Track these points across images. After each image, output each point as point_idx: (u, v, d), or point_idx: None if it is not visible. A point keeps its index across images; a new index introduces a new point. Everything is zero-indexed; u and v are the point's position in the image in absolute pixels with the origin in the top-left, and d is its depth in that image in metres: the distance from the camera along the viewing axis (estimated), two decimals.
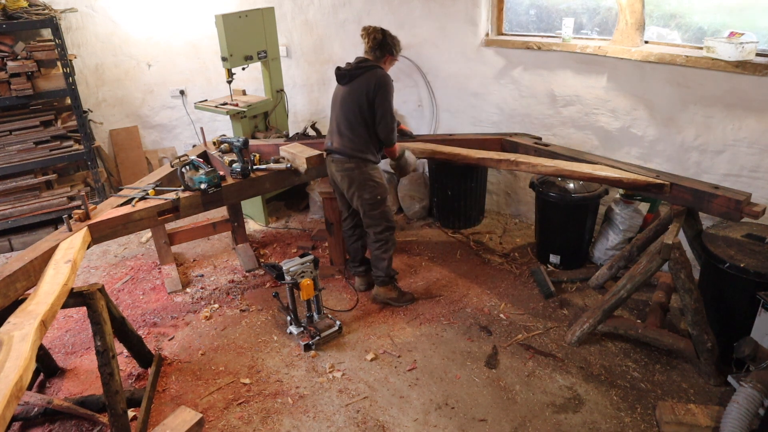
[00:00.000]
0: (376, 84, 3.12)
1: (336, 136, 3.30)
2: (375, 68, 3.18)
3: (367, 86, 3.13)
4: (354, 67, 3.20)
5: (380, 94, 3.14)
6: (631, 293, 2.97)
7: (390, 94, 3.18)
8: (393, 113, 3.23)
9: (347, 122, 3.23)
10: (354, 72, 3.19)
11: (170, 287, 3.87)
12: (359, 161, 3.26)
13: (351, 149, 3.24)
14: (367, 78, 3.15)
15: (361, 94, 3.15)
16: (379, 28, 3.20)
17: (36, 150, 4.41)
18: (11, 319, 1.99)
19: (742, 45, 3.04)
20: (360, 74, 3.17)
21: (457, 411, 2.73)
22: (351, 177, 3.29)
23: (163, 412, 2.76)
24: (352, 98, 3.19)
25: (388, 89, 3.17)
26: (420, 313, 3.51)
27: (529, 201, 4.53)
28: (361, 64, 3.19)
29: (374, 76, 3.14)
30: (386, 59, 3.25)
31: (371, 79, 3.13)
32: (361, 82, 3.16)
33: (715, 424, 2.40)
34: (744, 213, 2.77)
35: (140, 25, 4.94)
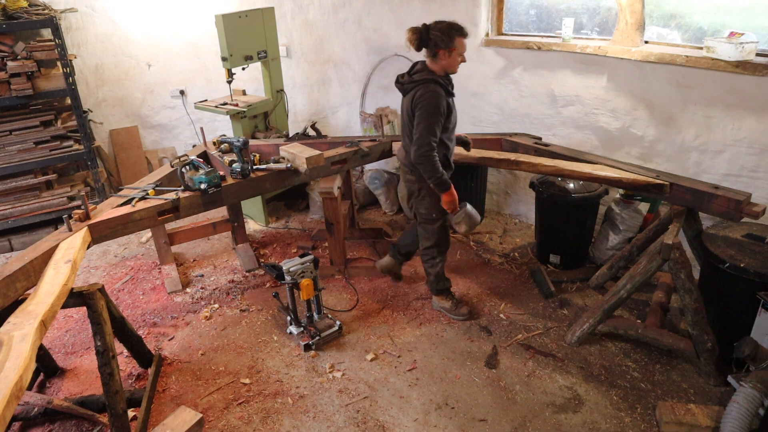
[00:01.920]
0: (417, 99, 2.90)
1: (403, 149, 3.21)
2: (424, 82, 2.92)
3: (413, 100, 2.93)
4: (407, 80, 3.00)
5: (418, 110, 2.90)
6: (631, 293, 2.98)
7: (429, 114, 2.86)
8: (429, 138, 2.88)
9: (406, 136, 3.10)
10: (407, 85, 3.00)
11: (170, 287, 3.87)
12: (420, 175, 3.08)
13: (411, 162, 3.07)
14: (414, 91, 2.93)
15: (409, 108, 2.99)
16: (417, 27, 2.93)
17: (36, 150, 4.41)
18: (11, 319, 1.99)
19: (742, 45, 3.04)
20: (412, 87, 2.96)
21: (457, 411, 2.73)
22: (410, 189, 3.22)
23: (163, 412, 2.76)
24: (405, 111, 3.05)
25: (427, 108, 2.86)
26: (420, 313, 3.51)
27: (529, 201, 4.53)
28: (414, 75, 2.98)
29: (419, 89, 2.91)
30: (439, 54, 2.92)
31: (416, 93, 2.91)
32: (411, 95, 2.95)
33: (715, 424, 2.39)
34: (744, 213, 2.77)
35: (140, 25, 4.94)
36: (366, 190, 5.06)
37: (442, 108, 2.89)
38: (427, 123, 2.87)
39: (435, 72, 2.96)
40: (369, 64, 5.16)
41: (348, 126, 5.52)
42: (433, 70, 2.97)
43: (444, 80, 2.97)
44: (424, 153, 2.91)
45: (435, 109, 2.86)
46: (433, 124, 2.88)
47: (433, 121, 2.88)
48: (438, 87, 2.91)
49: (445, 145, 3.09)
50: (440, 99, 2.88)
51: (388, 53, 5.02)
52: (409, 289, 3.77)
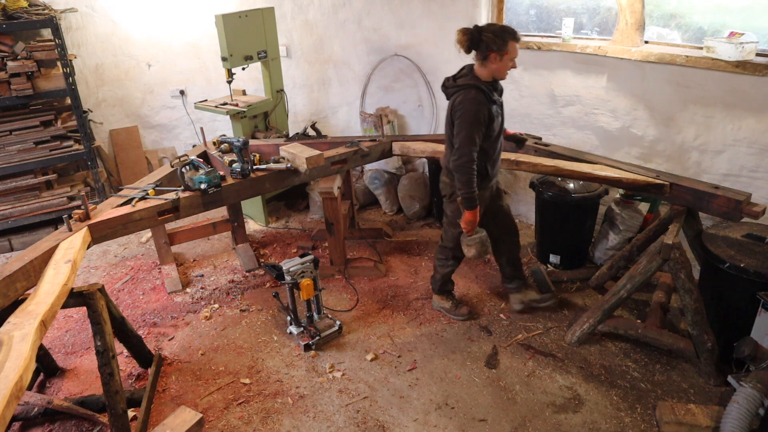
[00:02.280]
0: (456, 106, 2.81)
1: (445, 151, 3.14)
2: (465, 87, 2.81)
3: (453, 106, 2.84)
4: (451, 84, 2.90)
5: (457, 118, 2.80)
6: (631, 293, 2.98)
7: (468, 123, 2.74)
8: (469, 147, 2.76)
9: (447, 139, 3.02)
10: (451, 89, 2.90)
11: (170, 287, 3.87)
12: (453, 180, 2.98)
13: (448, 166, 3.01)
14: (455, 96, 2.84)
15: (449, 113, 2.89)
16: (468, 28, 2.81)
17: (36, 150, 4.41)
18: (11, 319, 1.99)
19: (742, 45, 3.04)
20: (454, 91, 2.86)
21: (457, 411, 2.73)
22: (443, 190, 3.15)
23: (163, 412, 2.76)
24: (447, 115, 2.94)
25: (465, 116, 2.75)
26: (420, 313, 3.51)
27: (529, 201, 4.53)
28: (458, 79, 2.87)
29: (459, 95, 2.81)
30: (490, 58, 2.78)
31: (456, 99, 2.82)
32: (452, 100, 2.86)
33: (715, 424, 2.40)
34: (744, 213, 2.77)
35: (140, 25, 4.94)
36: (366, 190, 5.06)
37: (482, 116, 2.76)
38: (467, 132, 2.76)
39: (480, 77, 2.83)
40: (369, 64, 5.16)
41: (348, 126, 5.52)
42: (479, 75, 2.83)
43: (487, 86, 2.82)
44: (463, 164, 2.80)
45: (474, 117, 2.75)
46: (472, 133, 2.76)
47: (473, 130, 2.76)
48: (479, 93, 2.77)
49: (487, 154, 2.93)
50: (479, 106, 2.75)
51: (388, 53, 5.02)
52: (409, 289, 3.77)
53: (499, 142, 3.02)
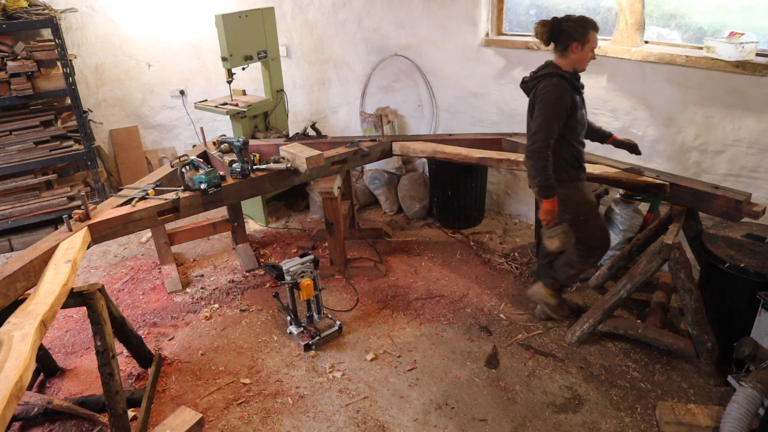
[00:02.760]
0: (537, 93, 2.73)
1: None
2: (547, 76, 2.74)
3: (534, 96, 2.77)
4: (531, 78, 2.83)
5: (538, 103, 2.72)
6: (631, 293, 2.97)
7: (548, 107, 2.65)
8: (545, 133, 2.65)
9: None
10: (530, 83, 2.83)
11: (170, 287, 3.87)
12: (558, 182, 2.85)
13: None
14: (537, 85, 2.76)
15: (530, 105, 2.80)
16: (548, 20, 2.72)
17: (36, 150, 4.41)
18: (11, 319, 1.99)
19: (742, 45, 3.04)
20: (535, 84, 2.79)
21: (457, 411, 2.73)
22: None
23: (163, 412, 2.76)
24: (528, 111, 2.86)
25: (546, 101, 2.66)
26: (420, 313, 3.51)
27: (529, 201, 4.53)
28: (539, 72, 2.80)
29: (541, 83, 2.74)
30: (571, 47, 2.71)
31: (538, 88, 2.74)
32: (532, 94, 2.79)
33: (715, 424, 2.40)
34: (744, 213, 2.77)
35: (140, 25, 4.94)
36: (366, 190, 5.06)
37: (564, 103, 2.66)
38: (545, 117, 2.65)
39: (561, 67, 2.76)
40: (369, 64, 5.16)
41: (348, 126, 5.52)
42: (559, 65, 2.77)
43: (570, 75, 2.75)
44: (536, 149, 2.66)
45: (555, 102, 2.63)
46: (551, 119, 2.64)
47: (553, 115, 2.63)
48: (561, 80, 2.68)
49: (573, 146, 2.84)
50: (562, 92, 2.66)
51: (388, 53, 5.02)
52: (409, 289, 3.77)
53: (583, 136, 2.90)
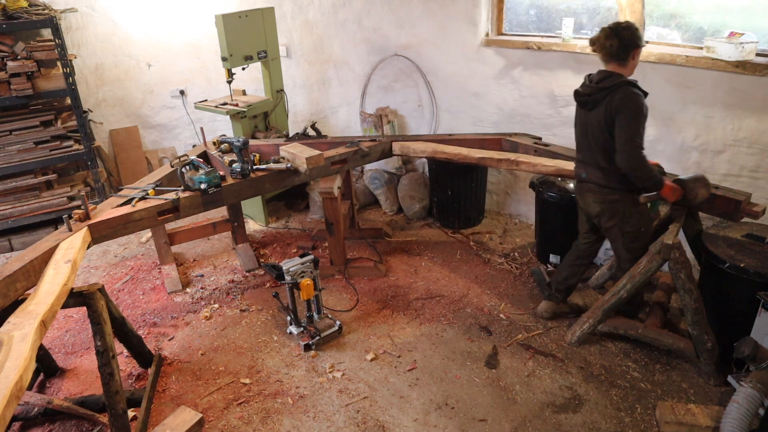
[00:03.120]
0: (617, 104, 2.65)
1: (592, 168, 2.89)
2: (621, 86, 2.67)
3: (610, 108, 2.68)
4: (596, 89, 2.73)
5: (621, 114, 2.65)
6: (631, 293, 2.97)
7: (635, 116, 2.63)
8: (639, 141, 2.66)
9: (603, 154, 2.80)
10: (596, 95, 2.74)
11: (170, 287, 3.87)
12: (625, 193, 2.84)
13: (616, 182, 2.82)
14: (609, 98, 2.69)
15: (603, 118, 2.71)
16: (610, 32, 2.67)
17: (36, 150, 4.41)
18: (11, 319, 1.99)
19: (742, 45, 3.04)
20: (604, 95, 2.71)
21: (457, 411, 2.73)
22: (614, 209, 2.90)
23: (163, 412, 2.76)
24: (594, 124, 2.78)
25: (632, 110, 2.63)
26: (420, 313, 3.51)
27: (529, 201, 4.53)
28: (603, 83, 2.71)
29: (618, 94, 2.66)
30: (633, 54, 2.71)
31: (615, 98, 2.66)
32: (606, 103, 2.70)
33: (715, 424, 2.40)
34: (744, 213, 2.78)
35: (140, 25, 4.94)
36: (366, 190, 5.06)
37: (646, 110, 2.67)
38: (635, 126, 2.64)
39: (625, 76, 2.73)
40: (369, 64, 5.16)
41: (348, 126, 5.52)
42: (623, 74, 2.72)
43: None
44: (638, 156, 2.67)
45: (641, 110, 2.64)
46: (640, 127, 2.66)
47: (640, 123, 2.66)
48: (637, 89, 2.68)
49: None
50: (643, 101, 2.67)
51: (388, 53, 5.02)
52: (409, 289, 3.77)
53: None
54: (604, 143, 2.78)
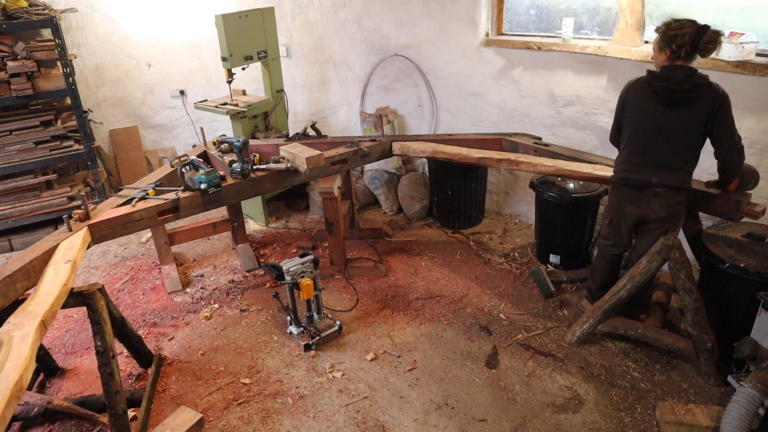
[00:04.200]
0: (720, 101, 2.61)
1: (666, 172, 2.75)
2: (709, 82, 2.63)
3: (713, 105, 2.61)
4: (692, 86, 2.63)
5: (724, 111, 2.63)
6: (631, 293, 2.97)
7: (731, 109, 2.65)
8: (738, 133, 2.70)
9: (686, 153, 2.74)
10: (692, 92, 2.64)
11: (170, 287, 3.87)
12: (686, 194, 2.84)
13: (686, 182, 2.78)
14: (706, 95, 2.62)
15: (704, 114, 2.64)
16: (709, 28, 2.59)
17: (36, 150, 4.41)
18: (11, 319, 1.99)
19: (742, 45, 3.04)
20: (698, 95, 2.63)
21: (457, 411, 2.73)
22: (677, 211, 2.86)
23: (163, 412, 2.76)
24: (694, 124, 2.67)
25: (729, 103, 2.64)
26: (420, 313, 3.51)
27: (529, 201, 4.53)
28: (695, 80, 2.62)
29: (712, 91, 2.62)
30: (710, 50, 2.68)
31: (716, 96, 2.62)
32: (702, 104, 2.63)
33: (715, 424, 2.40)
34: (744, 213, 2.78)
35: (140, 25, 4.94)
36: (366, 190, 5.06)
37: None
38: (733, 119, 2.67)
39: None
40: (369, 64, 5.16)
41: (348, 126, 5.52)
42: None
43: None
44: (742, 148, 2.72)
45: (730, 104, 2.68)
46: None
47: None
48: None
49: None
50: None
51: (388, 53, 5.02)
52: (409, 289, 3.77)
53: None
54: (694, 141, 2.71)
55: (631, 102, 2.82)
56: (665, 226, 2.91)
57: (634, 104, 2.80)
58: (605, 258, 3.23)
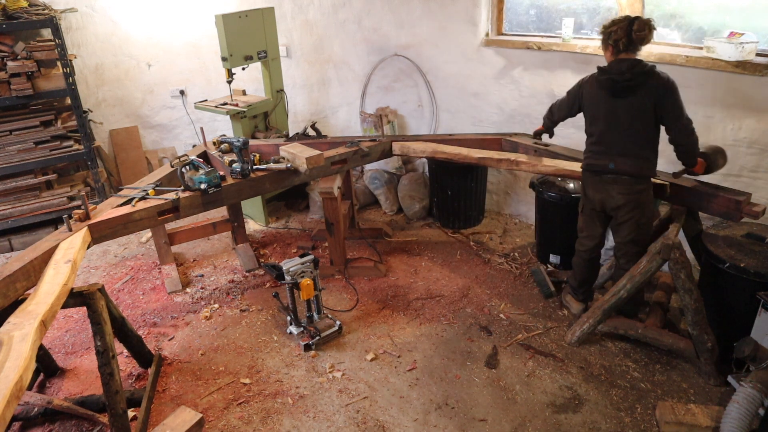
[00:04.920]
0: (664, 87, 2.72)
1: (622, 158, 2.87)
2: (654, 69, 2.75)
3: (655, 92, 2.73)
4: (635, 75, 2.75)
5: (670, 96, 2.73)
6: (632, 293, 2.97)
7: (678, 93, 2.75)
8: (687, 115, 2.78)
9: (639, 140, 2.83)
10: (636, 82, 2.76)
11: (170, 287, 3.87)
12: (648, 182, 2.92)
13: (646, 169, 2.87)
14: (649, 83, 2.74)
15: (649, 101, 2.75)
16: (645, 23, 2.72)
17: (36, 150, 4.41)
18: (11, 319, 1.99)
19: (742, 45, 3.04)
20: (641, 83, 2.75)
21: (457, 411, 2.73)
22: (638, 200, 2.92)
23: (163, 412, 2.76)
24: (642, 110, 2.78)
25: (675, 87, 2.74)
26: (420, 313, 3.51)
27: (529, 201, 4.53)
28: (638, 69, 2.74)
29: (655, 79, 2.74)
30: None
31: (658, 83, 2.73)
32: (647, 91, 2.74)
33: (715, 424, 2.40)
34: (744, 213, 2.78)
35: (140, 25, 4.94)
36: (366, 190, 5.06)
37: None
38: (682, 102, 2.76)
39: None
40: (369, 64, 5.16)
41: (348, 126, 5.52)
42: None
43: None
44: (693, 129, 2.79)
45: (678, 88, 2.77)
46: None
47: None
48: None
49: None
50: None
51: (388, 53, 5.02)
52: (409, 289, 3.77)
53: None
54: (645, 127, 2.81)
55: (585, 96, 3.00)
56: (631, 215, 2.96)
57: (589, 98, 2.98)
58: (581, 255, 3.31)
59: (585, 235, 3.25)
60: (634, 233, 3.00)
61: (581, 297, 3.40)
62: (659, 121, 2.81)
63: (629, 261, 3.06)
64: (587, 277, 3.35)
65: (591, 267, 3.33)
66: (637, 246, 3.02)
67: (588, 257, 3.28)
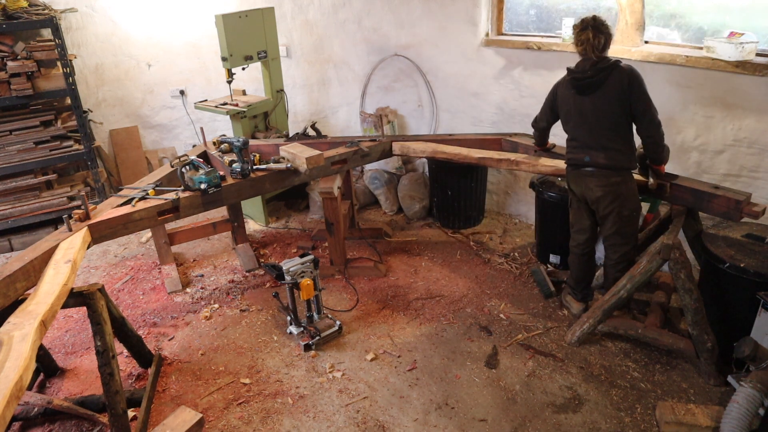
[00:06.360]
0: (630, 82, 2.78)
1: (595, 152, 2.94)
2: (618, 65, 2.82)
3: (621, 88, 2.80)
4: (597, 72, 2.83)
5: (636, 90, 2.79)
6: (631, 293, 2.97)
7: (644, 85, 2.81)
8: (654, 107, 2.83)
9: (609, 133, 2.90)
10: (598, 78, 2.84)
11: (170, 287, 3.87)
12: (626, 174, 2.97)
13: (620, 161, 2.92)
14: (612, 79, 2.81)
15: (615, 98, 2.82)
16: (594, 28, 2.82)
17: (36, 150, 4.41)
18: (11, 319, 1.99)
19: (742, 45, 3.04)
20: (604, 79, 2.83)
21: (457, 411, 2.73)
22: (617, 192, 2.97)
23: (163, 412, 2.76)
24: (609, 105, 2.85)
25: (641, 80, 2.79)
26: (420, 313, 3.51)
27: (529, 201, 4.53)
28: (600, 65, 2.82)
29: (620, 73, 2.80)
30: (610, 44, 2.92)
31: (622, 78, 2.79)
32: (610, 86, 2.82)
33: (715, 424, 2.40)
34: (744, 213, 2.78)
35: (140, 25, 4.94)
36: (366, 190, 5.06)
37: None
38: (648, 94, 2.81)
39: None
40: (369, 64, 5.16)
41: (348, 126, 5.52)
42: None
43: None
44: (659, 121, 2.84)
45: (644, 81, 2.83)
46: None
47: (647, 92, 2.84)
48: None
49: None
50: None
51: (388, 53, 5.02)
52: (409, 289, 3.77)
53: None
54: (614, 121, 2.88)
55: (559, 97, 3.11)
56: (611, 207, 3.01)
57: (561, 98, 3.09)
58: (574, 251, 3.38)
59: (576, 229, 3.32)
60: (617, 225, 3.05)
61: (580, 296, 3.41)
62: (628, 113, 2.87)
63: (616, 252, 3.14)
64: (583, 274, 3.39)
65: (586, 263, 3.37)
66: (623, 238, 3.09)
67: (581, 252, 3.33)
